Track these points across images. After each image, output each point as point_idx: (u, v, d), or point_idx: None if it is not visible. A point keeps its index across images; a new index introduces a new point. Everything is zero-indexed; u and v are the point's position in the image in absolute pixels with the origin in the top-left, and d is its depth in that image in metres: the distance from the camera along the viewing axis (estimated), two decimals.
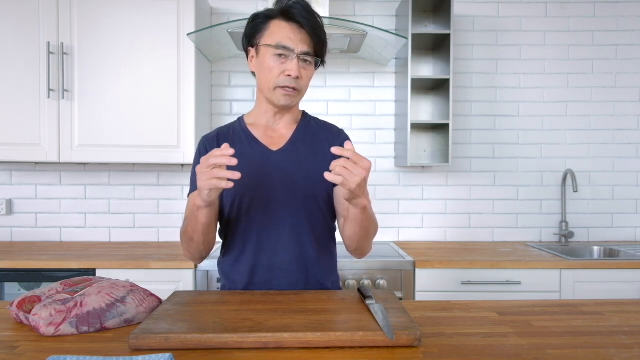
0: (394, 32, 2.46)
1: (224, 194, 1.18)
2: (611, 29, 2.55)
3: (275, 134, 1.23)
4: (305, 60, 1.14)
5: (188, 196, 1.23)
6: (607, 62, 2.56)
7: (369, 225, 1.12)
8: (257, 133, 1.23)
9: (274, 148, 1.21)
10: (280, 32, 1.13)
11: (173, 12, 2.18)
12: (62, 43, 2.15)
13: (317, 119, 1.31)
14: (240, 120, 1.27)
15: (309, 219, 1.19)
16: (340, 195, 1.20)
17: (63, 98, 2.16)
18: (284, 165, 1.18)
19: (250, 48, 1.20)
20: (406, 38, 2.19)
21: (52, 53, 2.14)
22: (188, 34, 2.13)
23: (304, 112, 1.30)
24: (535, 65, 2.56)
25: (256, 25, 1.17)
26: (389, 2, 2.54)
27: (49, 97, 2.15)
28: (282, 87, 1.14)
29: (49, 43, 2.14)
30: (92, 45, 2.17)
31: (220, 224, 1.25)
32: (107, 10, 2.16)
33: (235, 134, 1.24)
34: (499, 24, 2.56)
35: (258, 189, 1.17)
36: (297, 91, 1.16)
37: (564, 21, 2.55)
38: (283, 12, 1.14)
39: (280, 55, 1.13)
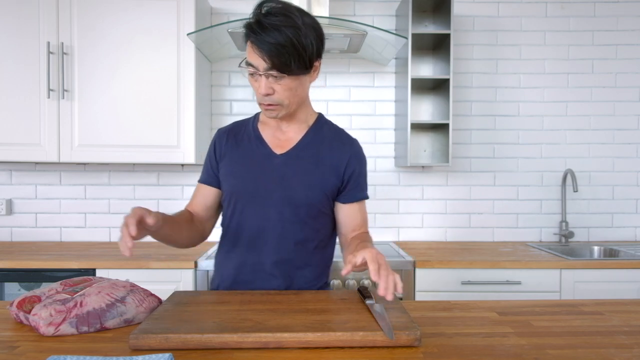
0: (394, 32, 2.46)
1: (223, 189, 1.22)
2: (611, 29, 2.55)
3: (284, 136, 1.22)
4: (275, 76, 1.06)
5: (199, 182, 1.27)
6: (607, 62, 2.56)
7: None
8: (266, 134, 1.22)
9: (279, 151, 1.20)
10: (249, 50, 1.07)
11: (173, 12, 2.18)
12: (62, 43, 2.15)
13: (331, 124, 1.27)
14: (256, 117, 1.27)
15: (300, 227, 1.18)
16: (343, 216, 1.22)
17: (63, 98, 2.16)
18: (284, 171, 1.17)
19: None
20: (406, 38, 2.18)
21: (52, 53, 2.14)
22: (188, 34, 2.13)
23: (319, 115, 1.26)
24: (535, 65, 2.56)
25: (245, 37, 1.11)
26: (389, 2, 2.54)
27: (48, 97, 2.14)
28: (262, 103, 1.12)
29: (48, 43, 2.13)
30: (92, 45, 2.16)
31: (223, 215, 1.26)
32: (107, 10, 2.16)
33: (245, 132, 1.24)
34: (499, 23, 2.55)
35: (254, 190, 1.17)
36: (277, 105, 1.11)
37: (564, 21, 2.55)
38: (248, 28, 1.06)
39: (252, 73, 1.09)
